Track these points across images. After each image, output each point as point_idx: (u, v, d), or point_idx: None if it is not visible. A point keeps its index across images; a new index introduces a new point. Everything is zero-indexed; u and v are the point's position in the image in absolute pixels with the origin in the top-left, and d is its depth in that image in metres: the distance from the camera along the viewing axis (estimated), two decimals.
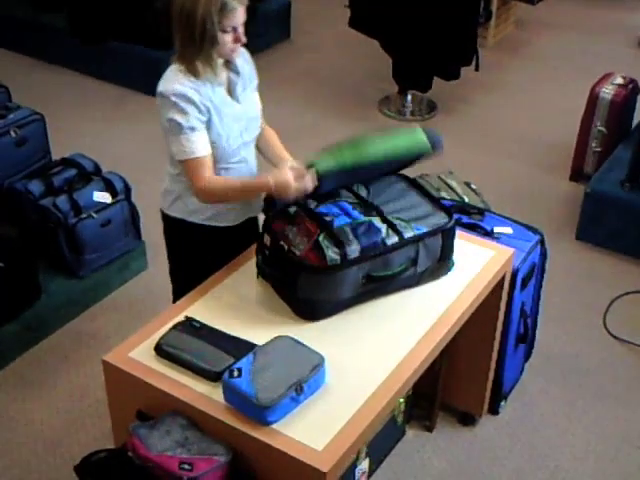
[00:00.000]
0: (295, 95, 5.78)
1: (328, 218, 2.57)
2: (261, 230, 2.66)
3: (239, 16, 2.51)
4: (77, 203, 3.74)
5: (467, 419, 3.35)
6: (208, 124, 2.59)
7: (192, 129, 2.54)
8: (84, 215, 3.75)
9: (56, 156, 4.12)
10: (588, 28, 7.07)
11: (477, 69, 5.34)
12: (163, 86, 2.55)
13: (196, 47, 2.51)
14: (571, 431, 3.33)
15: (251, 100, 2.78)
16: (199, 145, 2.56)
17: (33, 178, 3.86)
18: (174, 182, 2.75)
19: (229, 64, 2.67)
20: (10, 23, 6.21)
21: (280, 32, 6.62)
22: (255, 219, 2.94)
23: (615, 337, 3.79)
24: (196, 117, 2.54)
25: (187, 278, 2.80)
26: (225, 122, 2.62)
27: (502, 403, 3.38)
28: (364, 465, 2.92)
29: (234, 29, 2.52)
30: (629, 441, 3.29)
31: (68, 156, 4.01)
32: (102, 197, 3.83)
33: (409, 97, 5.66)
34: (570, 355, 3.70)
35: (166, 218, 2.86)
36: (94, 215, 3.77)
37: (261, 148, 2.90)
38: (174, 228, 2.85)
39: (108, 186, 3.87)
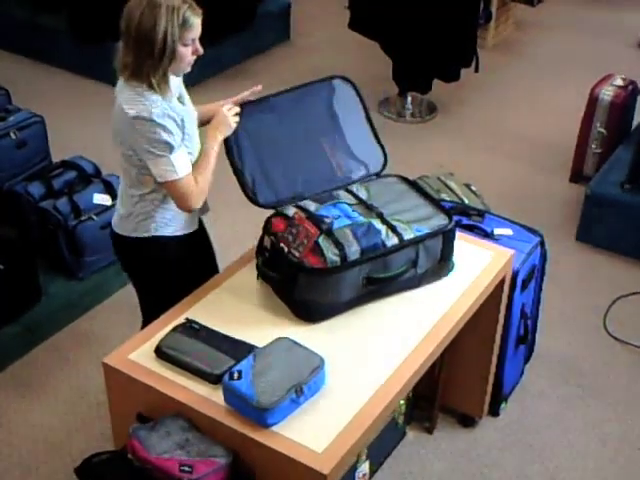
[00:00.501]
0: None
1: (328, 220, 2.57)
2: (261, 232, 2.66)
3: (199, 29, 2.51)
4: (77, 205, 3.74)
5: (467, 421, 3.35)
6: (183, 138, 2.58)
7: (179, 147, 2.52)
8: (84, 217, 3.75)
9: (56, 158, 4.12)
10: (588, 29, 7.08)
11: (477, 70, 5.34)
12: (136, 110, 2.47)
13: (154, 63, 2.47)
14: (571, 432, 3.33)
15: (191, 103, 2.74)
16: (185, 162, 2.55)
17: (33, 180, 3.86)
18: (140, 203, 2.66)
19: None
20: (10, 25, 6.21)
21: (280, 34, 6.62)
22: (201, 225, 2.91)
23: (615, 338, 3.79)
24: (178, 135, 2.52)
25: (161, 298, 2.75)
26: (190, 129, 2.61)
27: (502, 404, 3.38)
28: (364, 467, 2.92)
29: (193, 41, 2.52)
30: (629, 443, 3.29)
31: (68, 158, 4.01)
32: (102, 199, 3.83)
33: (409, 99, 5.67)
34: (570, 356, 3.70)
35: (128, 242, 2.75)
36: (94, 217, 3.77)
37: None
38: (141, 250, 2.76)
39: (108, 188, 3.87)
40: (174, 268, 2.80)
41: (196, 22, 2.49)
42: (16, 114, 3.98)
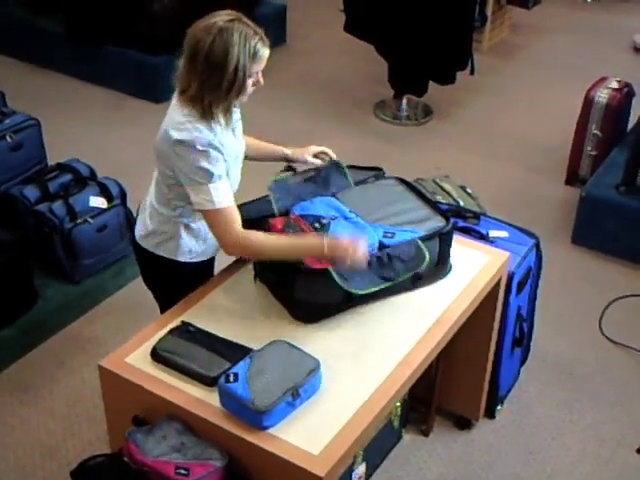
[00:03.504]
0: (291, 99, 5.79)
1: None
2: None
3: (265, 61, 2.45)
4: (73, 208, 3.74)
5: (463, 423, 3.35)
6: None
7: (220, 177, 2.42)
8: (80, 220, 3.75)
9: (52, 161, 4.11)
10: (583, 32, 7.09)
11: (472, 73, 5.35)
12: (182, 135, 2.39)
13: (220, 95, 2.39)
14: (567, 435, 3.34)
15: (241, 136, 2.69)
16: (227, 194, 2.44)
17: (29, 183, 3.86)
18: (168, 224, 2.63)
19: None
20: (6, 27, 6.20)
21: (276, 37, 6.59)
22: None
23: (611, 340, 3.80)
24: (222, 165, 2.44)
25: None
26: (231, 162, 2.53)
27: (498, 407, 3.38)
28: (360, 469, 2.92)
29: (257, 73, 2.45)
30: (625, 444, 3.30)
31: (64, 161, 4.01)
32: (98, 202, 3.82)
33: (404, 101, 5.67)
34: (566, 358, 3.71)
35: (150, 257, 2.72)
36: (90, 220, 3.77)
37: (250, 153, 2.81)
38: (160, 267, 2.73)
39: (104, 191, 3.87)
40: (180, 286, 2.73)
41: (266, 54, 2.42)
42: (12, 117, 3.96)
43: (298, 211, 2.65)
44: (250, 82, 2.45)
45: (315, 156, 2.88)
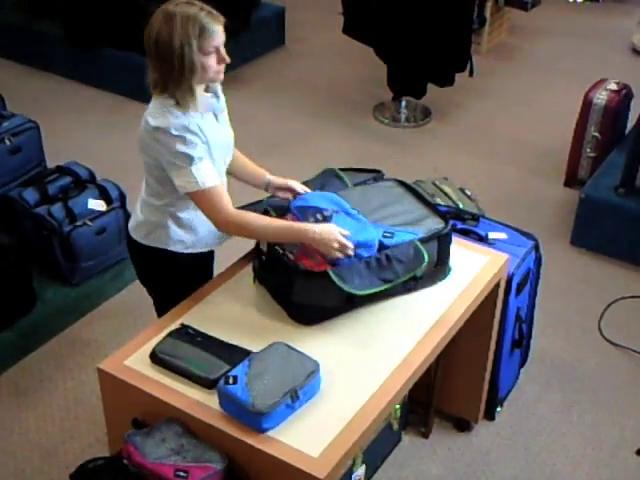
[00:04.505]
0: (289, 102, 5.79)
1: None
2: None
3: (220, 36, 2.46)
4: (72, 211, 3.74)
5: (463, 425, 3.35)
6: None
7: (200, 159, 2.45)
8: (79, 223, 3.75)
9: (51, 164, 4.12)
10: (581, 34, 7.10)
11: (471, 75, 5.35)
12: (158, 122, 2.44)
13: (177, 77, 2.42)
14: (567, 436, 3.34)
15: (228, 122, 2.71)
16: (211, 174, 2.47)
17: (28, 186, 3.86)
18: (156, 213, 2.65)
19: (209, 89, 2.61)
20: (4, 30, 6.21)
21: (274, 39, 6.63)
22: None
23: (610, 342, 3.80)
24: (201, 148, 2.46)
25: (172, 303, 2.73)
26: (215, 150, 2.55)
27: (498, 409, 3.38)
28: (360, 471, 2.91)
29: (217, 50, 2.47)
30: (624, 446, 3.30)
31: (63, 164, 4.01)
32: (97, 205, 3.83)
33: (403, 103, 5.67)
34: (565, 360, 3.70)
35: (140, 248, 2.74)
36: (89, 223, 3.77)
37: (236, 170, 2.82)
38: (150, 258, 2.75)
39: (103, 194, 3.87)
40: (181, 282, 2.76)
41: (216, 29, 2.43)
42: (11, 120, 3.97)
43: (298, 203, 2.64)
44: (212, 59, 2.46)
45: (291, 191, 2.78)
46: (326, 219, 2.55)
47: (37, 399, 3.45)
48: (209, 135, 2.52)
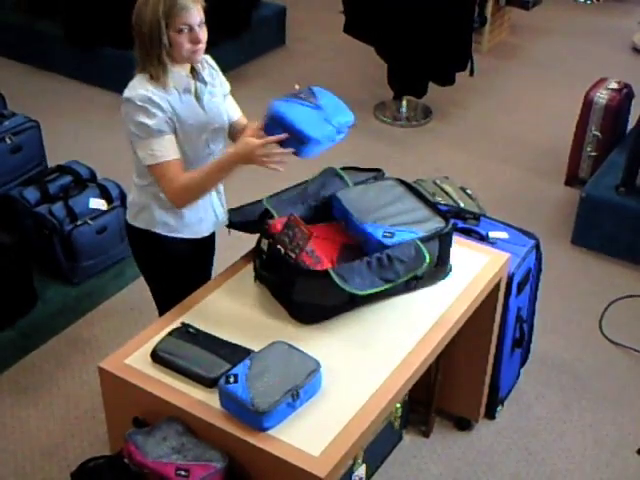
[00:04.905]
0: None
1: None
2: (259, 235, 2.66)
3: (193, 14, 2.45)
4: (73, 210, 3.74)
5: (464, 424, 3.35)
6: (175, 132, 2.54)
7: (160, 132, 2.49)
8: (80, 222, 3.75)
9: (52, 163, 4.11)
10: (582, 33, 7.10)
11: (472, 74, 5.35)
12: (128, 92, 2.52)
13: (148, 52, 2.49)
14: (567, 435, 3.34)
15: (219, 110, 2.69)
16: (169, 148, 2.51)
17: (29, 185, 3.86)
18: (141, 193, 2.70)
19: (195, 73, 2.62)
20: (5, 30, 6.21)
21: (275, 38, 6.63)
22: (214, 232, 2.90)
23: (611, 341, 3.80)
24: (164, 121, 2.50)
25: (165, 292, 2.79)
26: (192, 131, 2.57)
27: (498, 408, 3.38)
28: (361, 471, 2.92)
29: (190, 28, 2.46)
30: (625, 446, 3.30)
31: (64, 163, 4.01)
32: (98, 204, 3.83)
33: (404, 102, 5.67)
34: (566, 359, 3.70)
35: (131, 229, 2.80)
36: (90, 222, 3.77)
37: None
38: (140, 240, 2.80)
39: (104, 193, 3.87)
40: (170, 267, 2.81)
41: (187, 6, 2.43)
42: (11, 119, 3.97)
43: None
44: (183, 38, 2.46)
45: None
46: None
47: (38, 398, 3.45)
48: (182, 114, 2.54)
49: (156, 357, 2.36)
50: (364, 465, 2.92)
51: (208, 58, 2.71)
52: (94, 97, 5.76)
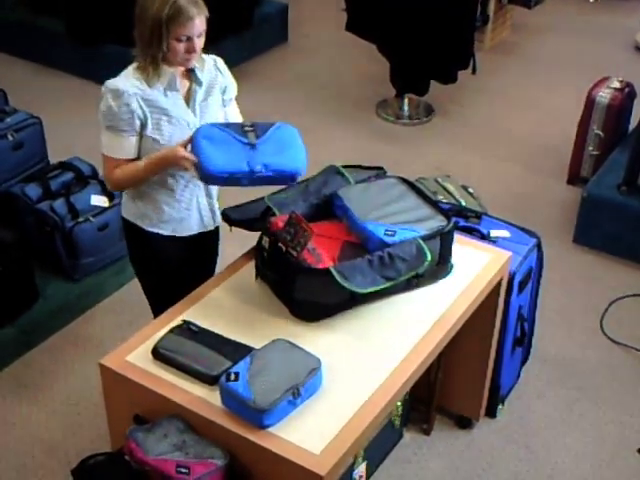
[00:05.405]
0: (292, 98, 5.79)
1: None
2: (260, 232, 2.66)
3: (196, 26, 2.43)
4: (74, 207, 3.74)
5: (464, 422, 3.35)
6: (145, 127, 2.55)
7: (117, 131, 2.53)
8: (81, 219, 3.75)
9: (53, 160, 4.11)
10: (585, 32, 7.08)
11: (474, 72, 5.35)
12: (111, 80, 2.55)
13: (145, 46, 2.50)
14: (568, 434, 3.34)
15: (212, 114, 2.67)
16: (123, 149, 2.56)
17: (30, 182, 3.86)
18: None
19: (190, 74, 2.61)
20: (7, 26, 6.20)
21: (277, 35, 6.62)
22: (212, 234, 2.88)
23: (612, 340, 3.80)
24: (125, 120, 2.51)
25: (154, 290, 2.80)
26: (171, 127, 2.57)
27: (499, 406, 3.38)
28: (361, 468, 2.92)
29: (188, 39, 2.45)
30: (626, 445, 3.30)
31: (65, 160, 4.01)
32: (99, 201, 3.83)
33: (406, 100, 5.67)
34: (567, 358, 3.70)
35: (122, 221, 2.83)
36: (91, 219, 3.77)
37: None
38: (128, 232, 2.83)
39: (105, 190, 3.87)
40: (152, 262, 2.82)
41: (193, 18, 2.41)
42: (13, 115, 3.97)
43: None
44: (180, 46, 2.46)
45: None
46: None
47: (39, 395, 3.45)
48: (166, 108, 2.55)
49: (157, 354, 2.37)
50: (365, 463, 2.92)
51: (219, 61, 2.71)
52: (96, 94, 5.65)
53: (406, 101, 5.67)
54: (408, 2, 5.01)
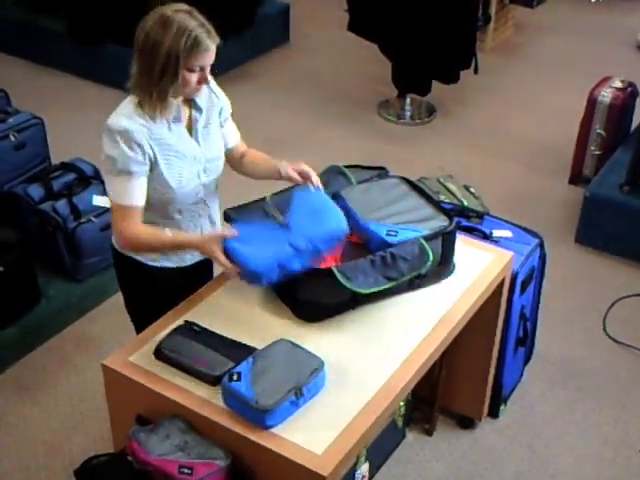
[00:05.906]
0: (294, 98, 5.79)
1: None
2: None
3: (211, 56, 2.37)
4: (76, 207, 3.74)
5: (467, 422, 3.35)
6: (156, 166, 2.43)
7: (129, 173, 2.38)
8: (83, 219, 3.75)
9: (55, 160, 4.12)
10: (587, 31, 7.08)
11: (476, 72, 5.35)
12: (111, 119, 2.40)
13: (153, 80, 2.35)
14: (570, 434, 3.33)
15: (214, 139, 2.60)
16: (135, 193, 2.41)
17: (32, 182, 3.86)
18: None
19: (190, 101, 2.52)
20: (9, 26, 6.21)
21: (279, 35, 6.62)
22: (207, 262, 2.75)
23: (614, 340, 3.79)
24: (138, 161, 2.38)
25: (144, 317, 2.67)
26: (180, 162, 2.48)
27: (502, 406, 3.38)
28: (364, 469, 2.92)
29: (201, 69, 2.39)
30: (628, 445, 3.29)
31: (67, 160, 4.01)
32: (101, 201, 3.83)
33: (408, 101, 5.67)
34: (569, 358, 3.70)
35: (114, 253, 2.69)
36: (93, 219, 3.77)
37: (251, 171, 2.75)
38: (122, 263, 2.70)
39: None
40: (146, 294, 2.73)
41: (210, 48, 2.35)
42: (15, 116, 3.97)
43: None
44: (193, 77, 2.38)
45: (299, 173, 2.61)
46: None
47: (41, 395, 3.45)
48: (171, 143, 2.45)
49: (160, 355, 2.37)
50: (367, 463, 2.92)
51: (211, 81, 2.58)
52: (98, 94, 5.76)
53: (408, 101, 5.67)
54: (410, 2, 5.01)
